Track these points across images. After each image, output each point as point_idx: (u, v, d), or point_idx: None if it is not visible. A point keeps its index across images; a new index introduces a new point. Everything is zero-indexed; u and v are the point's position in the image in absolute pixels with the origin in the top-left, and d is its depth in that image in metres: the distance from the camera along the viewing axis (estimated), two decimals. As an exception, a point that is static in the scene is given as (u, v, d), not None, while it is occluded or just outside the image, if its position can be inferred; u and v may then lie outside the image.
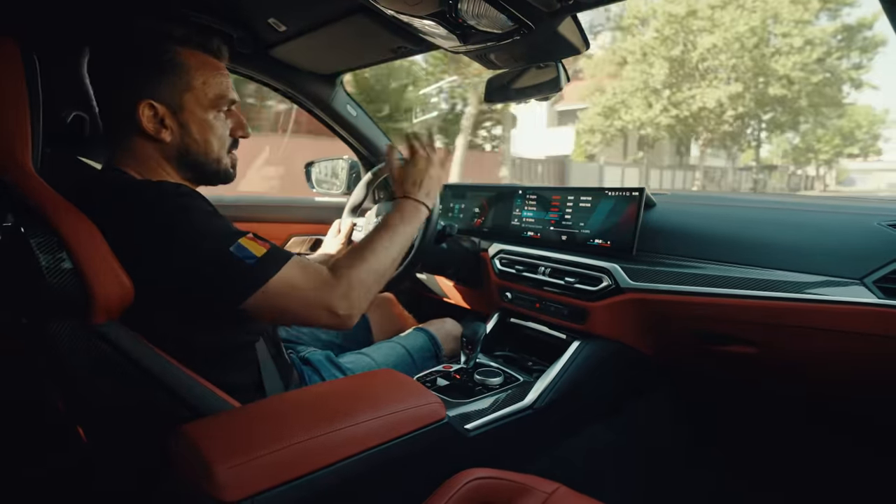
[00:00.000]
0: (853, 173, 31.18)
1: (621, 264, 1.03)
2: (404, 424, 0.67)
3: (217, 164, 0.76)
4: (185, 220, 0.63)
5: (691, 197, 1.27)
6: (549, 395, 0.99)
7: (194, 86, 0.71)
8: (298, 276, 0.67)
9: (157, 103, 0.69)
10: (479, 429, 0.86)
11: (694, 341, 0.99)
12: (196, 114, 0.72)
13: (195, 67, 0.71)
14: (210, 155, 0.75)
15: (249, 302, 0.63)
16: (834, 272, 0.81)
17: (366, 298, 0.72)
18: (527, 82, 1.16)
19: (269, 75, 1.38)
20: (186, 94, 0.71)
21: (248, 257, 0.63)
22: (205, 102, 0.72)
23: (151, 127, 0.69)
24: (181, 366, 0.65)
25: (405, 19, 0.94)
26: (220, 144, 0.76)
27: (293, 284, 0.66)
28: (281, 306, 0.65)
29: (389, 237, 0.77)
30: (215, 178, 0.78)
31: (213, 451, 0.53)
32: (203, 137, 0.73)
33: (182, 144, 0.72)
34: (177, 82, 0.70)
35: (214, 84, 0.73)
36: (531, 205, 1.29)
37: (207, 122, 0.73)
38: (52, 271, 0.54)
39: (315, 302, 0.67)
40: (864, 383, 0.87)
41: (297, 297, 0.66)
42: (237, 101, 0.77)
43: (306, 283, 0.67)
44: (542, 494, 0.68)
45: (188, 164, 0.74)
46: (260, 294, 0.63)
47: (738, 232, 0.96)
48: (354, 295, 0.69)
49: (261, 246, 0.65)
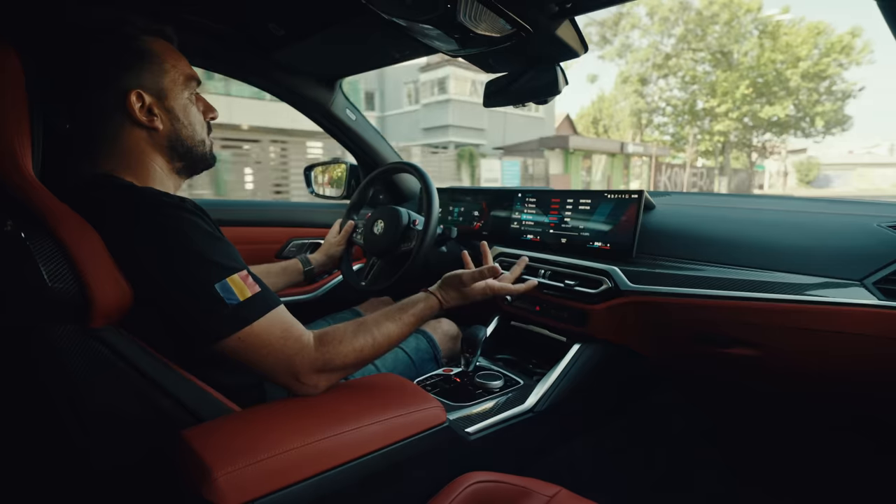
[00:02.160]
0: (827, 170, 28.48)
1: (621, 267, 1.03)
2: (405, 428, 0.66)
3: (203, 146, 0.78)
4: (185, 240, 0.62)
5: (691, 199, 1.27)
6: (549, 398, 0.98)
7: (167, 69, 0.71)
8: (277, 332, 0.64)
9: (144, 92, 0.69)
10: (480, 432, 0.86)
11: (695, 344, 0.99)
12: (178, 98, 0.73)
13: (163, 52, 0.71)
14: (196, 137, 0.76)
15: (217, 346, 0.61)
16: (834, 273, 0.81)
17: (337, 380, 0.70)
18: (525, 85, 1.17)
19: (268, 79, 1.39)
20: (165, 79, 0.71)
21: (230, 299, 0.61)
22: (180, 84, 0.73)
23: (144, 117, 0.69)
24: (180, 369, 0.65)
25: (404, 23, 0.94)
26: (201, 127, 0.77)
27: (268, 341, 0.63)
28: (249, 359, 0.63)
29: (399, 329, 0.75)
30: (202, 163, 0.79)
31: (213, 456, 0.52)
32: (188, 120, 0.74)
33: (173, 131, 0.73)
34: (154, 68, 0.70)
35: (182, 65, 0.74)
36: (530, 207, 1.29)
37: (187, 105, 0.74)
38: (52, 276, 0.54)
39: (284, 367, 0.64)
40: (865, 384, 0.87)
41: (267, 354, 0.63)
42: (200, 81, 0.78)
43: (283, 344, 0.64)
44: (544, 498, 0.68)
45: (179, 152, 0.74)
46: (230, 341, 0.61)
47: (738, 233, 0.96)
48: (327, 375, 0.68)
49: (248, 289, 0.63)
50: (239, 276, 0.63)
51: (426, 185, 1.12)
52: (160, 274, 0.61)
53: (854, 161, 28.45)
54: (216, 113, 0.81)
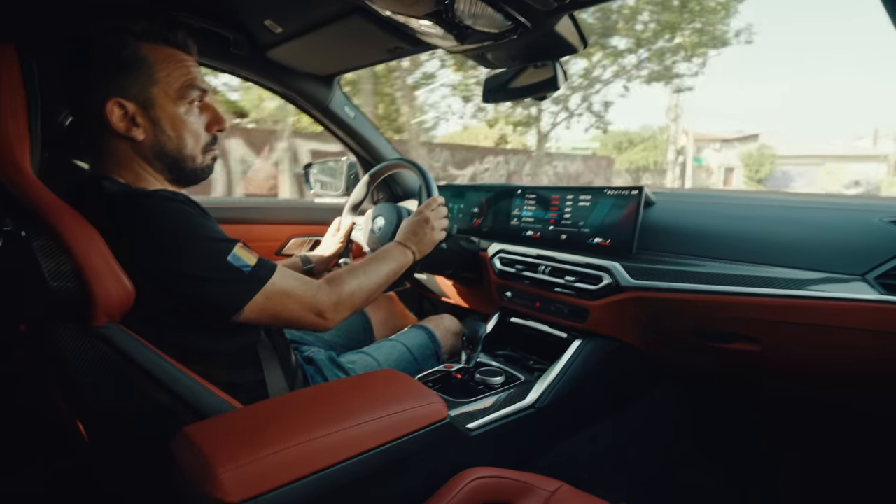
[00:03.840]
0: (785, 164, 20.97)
1: (621, 263, 1.03)
2: (406, 424, 0.67)
3: (192, 161, 0.75)
4: (186, 228, 0.65)
5: (691, 195, 1.27)
6: (550, 394, 0.99)
7: (158, 79, 0.69)
8: (291, 281, 0.73)
9: (126, 101, 0.68)
10: (481, 428, 0.86)
11: (695, 339, 0.99)
12: (166, 108, 0.70)
13: (158, 61, 0.69)
14: (184, 151, 0.73)
15: (247, 308, 0.68)
16: (835, 269, 0.81)
17: (350, 311, 0.81)
18: (524, 81, 1.16)
19: (266, 77, 1.38)
20: (153, 89, 0.69)
21: (244, 266, 0.67)
22: (172, 95, 0.70)
23: (123, 126, 0.68)
24: (182, 367, 0.65)
25: (402, 20, 0.94)
26: (194, 141, 0.74)
27: (287, 290, 0.72)
28: (276, 310, 0.71)
29: (376, 266, 0.88)
30: (192, 177, 0.77)
31: (215, 452, 0.52)
32: (177, 133, 0.72)
33: (157, 142, 0.71)
34: (141, 78, 0.68)
35: (179, 75, 0.71)
36: (530, 204, 1.29)
37: (179, 116, 0.72)
38: (53, 274, 0.54)
39: (310, 306, 0.75)
40: (866, 379, 0.87)
41: (293, 302, 0.72)
42: (208, 90, 0.75)
43: (304, 289, 0.74)
44: (545, 493, 0.68)
45: (165, 163, 0.73)
46: (259, 299, 0.68)
47: (739, 229, 0.96)
48: (343, 306, 0.79)
49: (251, 255, 0.69)
50: (240, 247, 0.69)
51: (426, 181, 1.12)
52: (173, 262, 0.63)
53: (823, 153, 21.40)
54: (224, 125, 0.78)
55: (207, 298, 0.66)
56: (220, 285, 0.66)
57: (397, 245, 0.96)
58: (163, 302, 0.65)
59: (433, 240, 1.01)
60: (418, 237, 0.99)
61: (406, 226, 1.01)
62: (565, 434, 1.05)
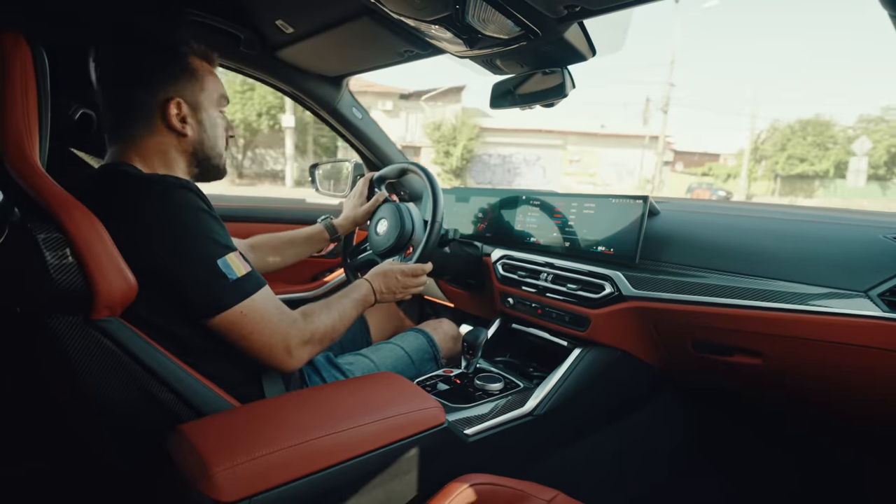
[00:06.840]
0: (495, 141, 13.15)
1: (624, 272, 1.02)
2: (404, 428, 0.66)
3: (220, 158, 0.86)
4: (190, 217, 0.67)
5: (695, 206, 1.27)
6: (549, 401, 0.98)
7: (206, 87, 0.81)
8: (272, 307, 0.71)
9: (183, 102, 0.78)
10: (479, 434, 0.85)
11: (696, 351, 0.99)
12: (209, 112, 0.82)
13: (205, 73, 0.81)
14: (217, 149, 0.84)
15: (220, 317, 0.67)
16: (838, 284, 0.81)
17: (316, 352, 0.78)
18: (532, 88, 1.16)
19: (275, 76, 1.39)
20: (202, 95, 0.80)
21: (230, 274, 0.67)
22: (213, 102, 0.83)
23: (178, 123, 0.77)
24: (180, 361, 0.65)
25: (412, 23, 0.94)
26: (222, 143, 0.86)
27: (266, 314, 0.70)
28: (247, 330, 0.69)
29: (350, 309, 0.86)
30: (216, 173, 0.86)
31: (211, 451, 0.52)
32: (214, 133, 0.83)
33: (199, 139, 0.81)
34: (195, 84, 0.79)
35: (217, 86, 0.84)
36: (534, 211, 1.29)
37: (216, 120, 0.83)
38: (57, 267, 0.55)
39: (280, 338, 0.71)
40: (868, 396, 0.87)
41: (265, 327, 0.70)
42: (229, 100, 0.88)
43: (279, 318, 0.72)
44: (541, 501, 0.67)
45: (199, 159, 0.82)
46: (234, 311, 0.67)
47: (742, 242, 0.96)
48: (310, 347, 0.76)
49: (242, 267, 0.69)
50: (234, 255, 0.69)
51: (433, 186, 1.12)
52: (167, 245, 0.64)
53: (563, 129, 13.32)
54: (234, 131, 0.91)
55: (185, 294, 0.66)
56: (201, 285, 0.65)
57: (368, 286, 0.93)
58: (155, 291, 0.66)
59: (393, 298, 0.99)
60: (387, 286, 0.96)
61: (385, 269, 0.98)
62: (563, 442, 1.04)
